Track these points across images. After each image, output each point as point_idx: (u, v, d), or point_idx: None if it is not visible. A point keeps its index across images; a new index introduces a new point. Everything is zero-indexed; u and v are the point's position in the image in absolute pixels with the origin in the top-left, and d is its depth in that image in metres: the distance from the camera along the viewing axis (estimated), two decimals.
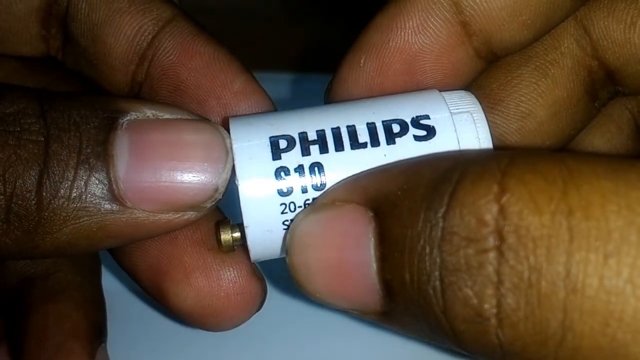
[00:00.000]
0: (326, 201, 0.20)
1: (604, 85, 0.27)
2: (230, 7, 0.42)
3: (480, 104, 0.22)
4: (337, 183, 0.20)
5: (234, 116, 0.23)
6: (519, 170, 0.16)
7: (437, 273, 0.17)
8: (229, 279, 0.24)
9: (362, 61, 0.23)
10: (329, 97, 0.24)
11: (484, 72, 0.25)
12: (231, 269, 0.24)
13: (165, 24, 0.25)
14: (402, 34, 0.23)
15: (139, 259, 0.25)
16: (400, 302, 0.18)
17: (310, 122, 0.21)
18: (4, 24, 0.25)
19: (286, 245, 0.20)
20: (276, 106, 0.25)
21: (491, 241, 0.16)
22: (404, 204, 0.18)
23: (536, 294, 0.15)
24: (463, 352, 0.18)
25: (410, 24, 0.23)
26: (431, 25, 0.23)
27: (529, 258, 0.15)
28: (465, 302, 0.16)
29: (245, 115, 0.23)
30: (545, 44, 0.26)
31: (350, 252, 0.19)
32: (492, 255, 0.16)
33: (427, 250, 0.17)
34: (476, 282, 0.16)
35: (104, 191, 0.20)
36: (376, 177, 0.20)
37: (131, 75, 0.25)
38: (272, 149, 0.21)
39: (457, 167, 0.17)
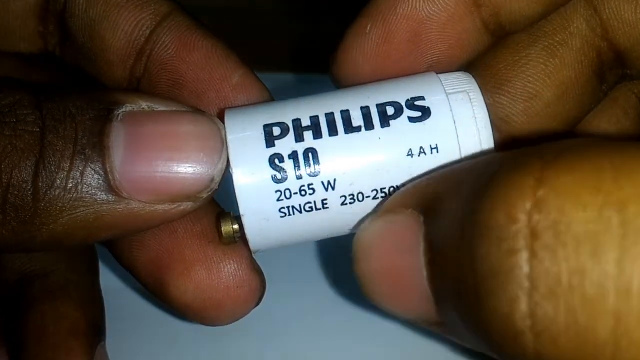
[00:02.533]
0: (387, 208, 0.20)
1: (612, 68, 0.27)
2: (228, 6, 0.43)
3: (479, 84, 0.22)
4: (400, 189, 0.21)
5: (229, 107, 0.24)
6: (562, 160, 0.15)
7: (472, 279, 0.16)
8: (229, 272, 0.25)
9: (368, 28, 0.24)
10: (333, 67, 0.25)
11: (491, 52, 0.26)
12: (231, 261, 0.25)
13: (163, 18, 0.25)
14: (410, 0, 0.23)
15: (139, 253, 0.25)
16: (448, 311, 0.18)
17: (305, 109, 0.22)
18: (1, 21, 0.26)
19: (352, 254, 0.21)
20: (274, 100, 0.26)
21: (522, 240, 0.15)
22: (447, 206, 0.17)
23: (579, 299, 0.14)
24: None
25: None
26: None
27: (570, 258, 0.14)
28: (498, 315, 0.15)
29: (241, 106, 0.24)
30: (554, 24, 0.26)
31: (404, 259, 0.19)
32: (523, 256, 0.15)
33: (464, 253, 0.16)
34: (507, 290, 0.15)
35: (100, 182, 0.20)
36: (431, 181, 0.20)
37: (130, 71, 0.26)
38: (265, 136, 0.21)
39: (498, 161, 0.17)
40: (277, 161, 0.21)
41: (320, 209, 0.21)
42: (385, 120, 0.21)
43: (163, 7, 0.26)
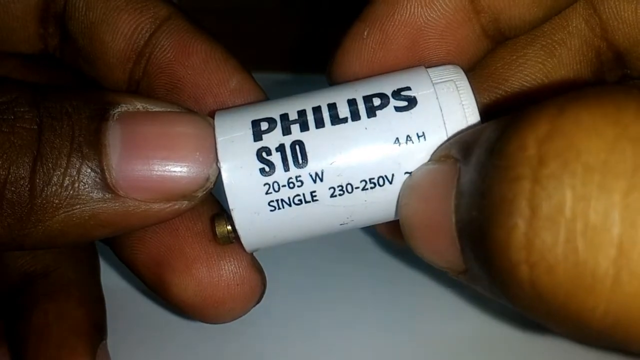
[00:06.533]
0: (433, 157, 0.21)
1: (612, 68, 0.27)
2: (227, 6, 0.43)
3: (466, 74, 0.22)
4: (449, 140, 0.21)
5: (219, 109, 0.24)
6: (586, 96, 0.15)
7: (480, 214, 0.16)
8: (230, 269, 0.25)
9: (365, 33, 0.23)
10: (330, 70, 0.25)
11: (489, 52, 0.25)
12: (232, 259, 0.25)
13: (162, 22, 0.26)
14: (409, 6, 0.23)
15: (140, 251, 0.26)
16: (469, 256, 0.18)
17: (292, 104, 0.22)
18: (1, 23, 0.26)
19: (399, 200, 0.21)
20: None
21: (527, 167, 0.14)
22: (475, 151, 0.17)
23: (581, 227, 0.14)
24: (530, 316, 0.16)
25: None
26: None
27: (575, 186, 0.14)
28: (498, 246, 0.15)
29: (231, 107, 0.24)
30: (552, 23, 0.26)
31: (439, 204, 0.19)
32: (527, 184, 0.14)
33: (479, 190, 0.16)
34: (507, 219, 0.15)
35: (97, 179, 0.21)
36: (472, 131, 0.20)
37: (129, 73, 0.26)
38: (253, 131, 0.22)
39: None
40: (264, 154, 0.21)
41: (309, 202, 0.21)
42: (371, 111, 0.21)
43: (162, 10, 0.26)
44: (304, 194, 0.21)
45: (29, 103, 0.20)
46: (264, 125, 0.22)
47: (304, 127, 0.21)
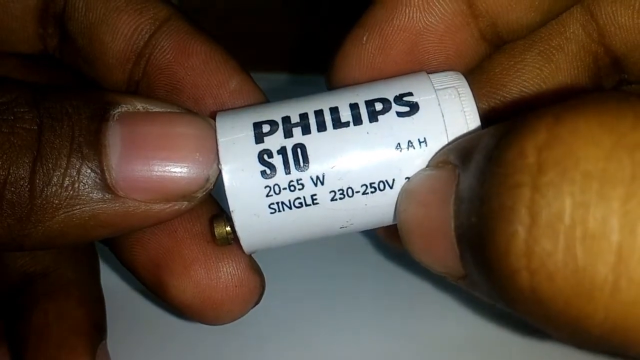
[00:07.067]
0: (432, 163, 0.21)
1: (609, 73, 0.27)
2: (227, 6, 0.43)
3: (468, 80, 0.22)
4: (448, 145, 0.21)
5: (221, 110, 0.24)
6: (583, 104, 0.15)
7: (479, 220, 0.16)
8: (228, 271, 0.25)
9: (364, 38, 0.24)
10: (330, 74, 0.25)
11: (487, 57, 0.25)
12: (230, 261, 0.25)
13: (162, 23, 0.26)
14: (407, 11, 0.23)
15: (139, 252, 0.26)
16: (468, 262, 0.18)
17: (294, 107, 0.22)
18: (0, 23, 0.26)
19: (397, 205, 0.21)
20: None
21: (527, 175, 0.15)
22: (474, 157, 0.17)
23: (580, 234, 0.14)
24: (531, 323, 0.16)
25: (416, 1, 0.23)
26: (437, 4, 0.23)
27: (574, 194, 0.14)
28: (498, 252, 0.15)
29: (232, 109, 0.24)
30: (550, 28, 0.26)
31: (437, 210, 0.19)
32: (526, 191, 0.15)
33: (478, 197, 0.16)
34: (507, 226, 0.15)
35: (96, 180, 0.21)
36: (471, 137, 0.20)
37: (128, 74, 0.26)
38: (255, 133, 0.22)
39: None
40: (265, 157, 0.21)
41: (310, 205, 0.21)
42: (373, 116, 0.21)
43: (162, 11, 0.26)
44: (304, 197, 0.21)
45: (29, 103, 0.20)
46: (266, 128, 0.22)
47: (306, 130, 0.21)
